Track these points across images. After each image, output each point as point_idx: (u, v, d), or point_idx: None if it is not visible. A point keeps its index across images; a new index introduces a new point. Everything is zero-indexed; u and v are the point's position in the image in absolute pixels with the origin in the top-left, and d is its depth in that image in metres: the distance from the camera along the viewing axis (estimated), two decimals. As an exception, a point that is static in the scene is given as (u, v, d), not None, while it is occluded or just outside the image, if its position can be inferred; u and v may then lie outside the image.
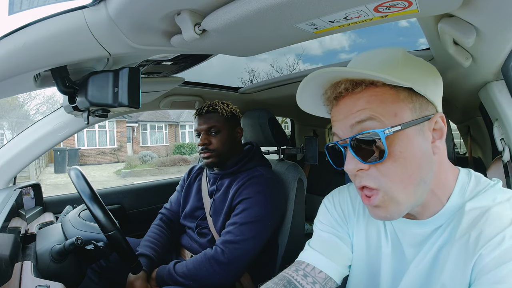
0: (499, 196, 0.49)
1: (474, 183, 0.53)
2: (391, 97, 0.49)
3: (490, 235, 0.44)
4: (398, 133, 0.47)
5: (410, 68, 0.52)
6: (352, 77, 0.50)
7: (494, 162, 0.96)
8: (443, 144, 0.52)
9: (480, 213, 0.48)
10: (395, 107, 0.48)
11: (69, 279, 0.88)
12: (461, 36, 0.57)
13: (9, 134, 15.15)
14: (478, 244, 0.45)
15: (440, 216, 0.53)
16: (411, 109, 0.49)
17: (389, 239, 0.61)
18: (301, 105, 0.60)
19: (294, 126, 2.54)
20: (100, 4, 0.56)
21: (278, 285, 0.59)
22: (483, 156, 1.57)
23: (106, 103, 0.76)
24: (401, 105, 0.49)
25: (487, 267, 0.43)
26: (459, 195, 0.53)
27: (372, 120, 0.49)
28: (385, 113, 0.48)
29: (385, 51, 0.55)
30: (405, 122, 0.48)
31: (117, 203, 1.68)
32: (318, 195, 2.29)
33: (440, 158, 0.52)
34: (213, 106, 1.26)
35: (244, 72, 15.37)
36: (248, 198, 1.15)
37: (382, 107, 0.48)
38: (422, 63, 0.54)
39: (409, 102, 0.49)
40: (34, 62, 0.67)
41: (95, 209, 0.90)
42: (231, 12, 0.52)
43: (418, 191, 0.50)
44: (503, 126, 0.84)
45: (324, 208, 0.71)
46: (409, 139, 0.48)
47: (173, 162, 14.24)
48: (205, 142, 1.23)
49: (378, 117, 0.48)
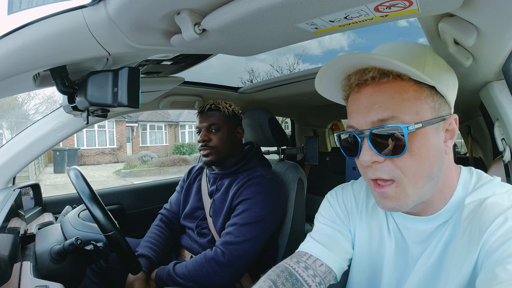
0: (497, 190, 0.50)
1: (475, 179, 0.55)
2: (414, 94, 0.49)
3: (491, 219, 0.45)
4: (418, 130, 0.48)
5: (436, 66, 0.52)
6: (383, 66, 0.48)
7: (495, 162, 0.96)
8: (451, 145, 0.53)
9: (478, 204, 0.49)
10: (417, 105, 0.49)
11: (68, 279, 0.88)
12: (462, 35, 0.56)
13: (8, 134, 15.13)
14: (481, 231, 0.45)
15: (444, 212, 0.54)
16: (432, 108, 0.50)
17: (392, 235, 0.61)
18: (318, 87, 0.59)
19: (294, 126, 2.54)
20: (100, 3, 0.56)
21: (280, 277, 0.60)
22: (484, 156, 1.57)
23: (105, 103, 0.76)
24: (423, 103, 0.49)
25: (493, 246, 0.43)
26: (462, 191, 0.54)
27: (394, 118, 0.49)
28: (407, 110, 0.48)
29: (412, 45, 0.54)
30: (425, 120, 0.48)
31: (117, 203, 1.68)
32: (318, 195, 2.29)
33: (449, 157, 0.53)
34: (215, 104, 1.27)
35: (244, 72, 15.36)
36: (248, 199, 1.15)
37: (405, 105, 0.49)
38: (445, 64, 0.54)
39: (430, 101, 0.50)
40: (34, 62, 0.66)
41: (95, 209, 0.90)
42: (231, 12, 0.52)
43: (426, 186, 0.51)
44: (504, 126, 0.83)
45: (327, 203, 0.72)
46: (426, 137, 0.49)
47: (173, 162, 14.24)
48: (205, 138, 1.24)
49: (400, 116, 0.48)
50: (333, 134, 2.89)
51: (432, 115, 0.50)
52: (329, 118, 2.68)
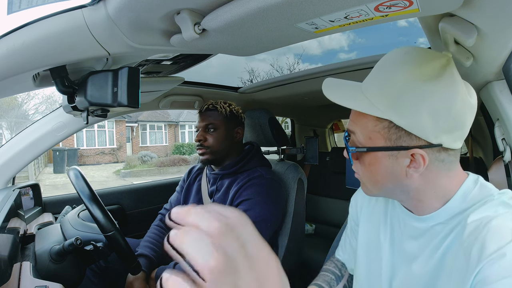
0: (501, 208, 0.50)
1: (478, 190, 0.54)
2: (371, 123, 0.54)
3: (491, 249, 0.45)
4: (367, 152, 0.55)
5: (409, 98, 0.50)
6: (342, 104, 0.55)
7: (495, 162, 0.96)
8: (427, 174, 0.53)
9: (481, 224, 0.48)
10: (372, 133, 0.54)
11: (68, 279, 0.88)
12: (462, 35, 0.56)
13: (8, 134, 15.11)
14: (480, 257, 0.45)
15: (436, 215, 0.55)
16: (386, 138, 0.53)
17: (388, 228, 0.65)
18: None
19: (294, 126, 2.54)
20: (99, 3, 0.55)
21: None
22: (484, 156, 1.57)
23: (105, 103, 0.76)
24: (377, 132, 0.53)
25: (488, 279, 0.44)
26: (461, 200, 0.54)
27: (353, 134, 0.58)
28: (363, 134, 0.56)
29: (395, 72, 0.53)
30: (376, 146, 0.54)
31: (117, 203, 1.67)
32: (318, 195, 2.30)
33: (420, 182, 0.53)
34: (213, 104, 1.28)
35: (244, 72, 15.34)
36: (248, 199, 1.15)
37: (361, 130, 0.56)
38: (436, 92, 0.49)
39: (385, 132, 0.53)
40: (33, 62, 0.66)
41: (94, 209, 0.90)
42: (231, 12, 0.52)
43: (385, 190, 0.58)
44: (504, 126, 0.83)
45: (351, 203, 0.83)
46: (377, 159, 0.55)
47: (173, 162, 14.23)
48: (200, 138, 1.25)
49: (357, 135, 0.57)
50: (333, 134, 2.89)
51: (386, 143, 0.53)
52: (329, 118, 2.68)
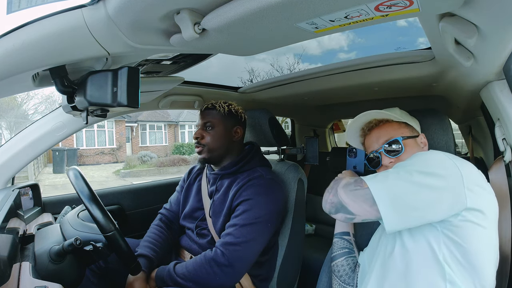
0: None
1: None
2: (397, 126, 0.96)
3: None
4: (405, 140, 0.92)
5: (404, 115, 0.99)
6: (378, 117, 0.98)
7: (495, 162, 0.96)
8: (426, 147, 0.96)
9: None
10: (401, 130, 0.95)
11: (67, 280, 0.88)
12: (463, 35, 0.56)
13: (7, 134, 15.10)
14: None
15: None
16: (408, 132, 0.95)
17: None
18: (349, 140, 1.07)
19: (294, 126, 2.53)
20: (99, 3, 0.55)
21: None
22: (485, 156, 1.56)
23: (105, 102, 0.75)
24: (403, 129, 0.95)
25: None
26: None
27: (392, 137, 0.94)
28: (397, 133, 0.94)
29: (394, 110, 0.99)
30: (406, 136, 0.93)
31: (116, 203, 1.67)
32: (318, 195, 2.28)
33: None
34: (212, 104, 1.29)
35: (244, 72, 15.32)
36: (248, 200, 1.15)
37: (395, 132, 0.94)
38: (408, 114, 1.01)
39: (405, 128, 0.96)
40: (33, 62, 0.66)
41: (94, 209, 0.90)
42: (231, 11, 0.52)
43: None
44: (505, 126, 0.83)
45: None
46: (409, 143, 0.93)
47: (173, 162, 14.22)
48: (198, 136, 1.26)
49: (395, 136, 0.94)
50: (333, 134, 2.89)
51: (409, 134, 0.94)
52: (329, 118, 2.67)
